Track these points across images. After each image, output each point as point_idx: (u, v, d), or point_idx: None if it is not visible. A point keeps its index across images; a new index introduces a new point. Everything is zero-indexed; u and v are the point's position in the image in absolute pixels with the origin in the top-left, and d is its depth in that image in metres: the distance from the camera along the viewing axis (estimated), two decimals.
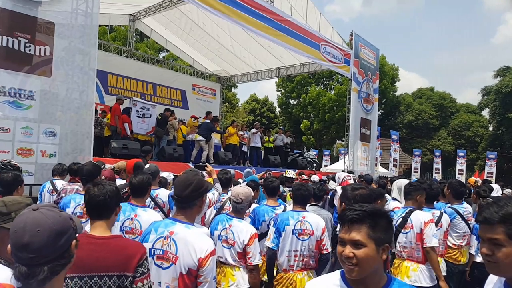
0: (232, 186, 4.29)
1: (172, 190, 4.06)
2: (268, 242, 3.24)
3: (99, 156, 8.09)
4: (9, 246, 1.08)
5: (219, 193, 3.94)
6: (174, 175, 5.18)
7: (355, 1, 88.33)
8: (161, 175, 4.65)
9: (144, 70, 15.88)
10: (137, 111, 10.64)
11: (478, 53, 79.41)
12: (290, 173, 6.99)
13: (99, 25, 9.97)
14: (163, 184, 4.52)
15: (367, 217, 1.31)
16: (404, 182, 4.30)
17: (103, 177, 3.60)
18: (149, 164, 4.55)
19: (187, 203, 2.07)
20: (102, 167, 4.27)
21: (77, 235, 1.20)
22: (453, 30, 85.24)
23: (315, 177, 7.94)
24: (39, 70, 6.21)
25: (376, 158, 19.27)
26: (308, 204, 3.56)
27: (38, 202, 4.50)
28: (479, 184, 8.26)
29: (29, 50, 6.13)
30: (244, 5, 9.89)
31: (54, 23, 6.41)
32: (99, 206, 1.89)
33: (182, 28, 15.45)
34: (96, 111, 10.30)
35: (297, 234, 3.16)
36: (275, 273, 3.26)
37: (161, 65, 17.53)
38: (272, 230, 3.26)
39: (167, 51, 23.02)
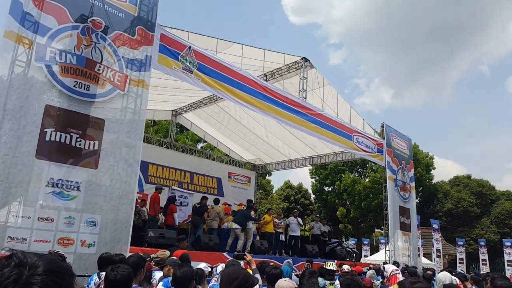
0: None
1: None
2: None
3: (136, 245, 8.17)
4: None
5: (259, 285, 3.81)
6: (210, 266, 5.10)
7: (385, 94, 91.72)
8: (197, 266, 4.61)
9: (182, 159, 16.72)
10: (175, 200, 10.97)
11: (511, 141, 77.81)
12: (331, 265, 6.62)
13: None
14: (200, 276, 4.45)
15: None
16: (447, 275, 4.02)
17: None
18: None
19: None
20: (147, 259, 4.31)
21: None
22: (488, 116, 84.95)
23: (346, 267, 7.49)
24: (85, 161, 6.64)
25: (418, 248, 18.09)
26: None
27: None
28: None
29: (79, 145, 6.59)
30: (278, 101, 10.63)
31: (104, 119, 7.08)
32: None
33: (220, 121, 16.52)
34: (136, 200, 10.71)
35: None
36: None
37: (199, 155, 18.41)
38: None
39: (205, 141, 24.31)
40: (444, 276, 6.19)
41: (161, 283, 3.70)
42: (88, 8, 7.40)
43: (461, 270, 20.96)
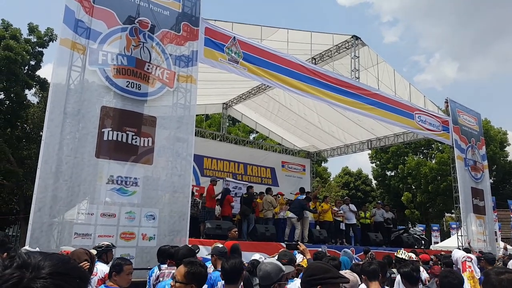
0: None
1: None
2: None
3: (195, 237, 8.37)
4: None
5: None
6: (266, 256, 4.99)
7: (448, 68, 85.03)
8: (252, 257, 4.53)
9: (235, 151, 16.88)
10: (230, 191, 11.08)
11: None
12: (403, 254, 6.08)
13: (196, 115, 11.12)
14: (256, 267, 4.36)
15: None
16: None
17: None
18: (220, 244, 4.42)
19: None
20: (196, 251, 4.33)
21: None
22: None
23: (412, 254, 6.92)
24: (143, 159, 6.93)
25: (495, 232, 16.64)
26: None
27: (146, 287, 4.59)
28: None
29: (135, 142, 6.89)
30: (329, 84, 10.21)
31: (156, 117, 7.28)
32: None
33: (270, 111, 16.37)
34: (193, 193, 10.99)
35: None
36: None
37: (252, 146, 18.47)
38: None
39: (257, 132, 24.36)
40: None
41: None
42: (135, 9, 7.61)
43: None
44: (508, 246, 20.25)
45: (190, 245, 4.47)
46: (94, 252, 3.45)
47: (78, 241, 5.72)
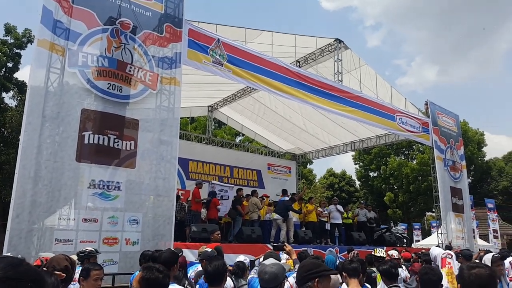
0: None
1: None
2: None
3: (181, 241, 8.28)
4: None
5: None
6: (251, 258, 4.98)
7: (428, 72, 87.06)
8: (236, 259, 4.50)
9: (221, 154, 16.80)
10: (216, 194, 11.01)
11: None
12: (380, 252, 6.21)
13: (181, 117, 11.03)
14: (242, 269, 4.34)
15: None
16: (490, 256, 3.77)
17: None
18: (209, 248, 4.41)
19: (301, 285, 2.13)
20: (180, 254, 4.28)
21: None
22: None
23: (394, 252, 7.07)
24: (126, 162, 6.79)
25: (473, 230, 17.07)
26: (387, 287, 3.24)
27: None
28: None
29: (117, 145, 6.74)
30: (313, 86, 10.28)
31: (138, 119, 7.14)
32: None
33: (255, 113, 16.39)
34: (179, 197, 10.88)
35: None
36: None
37: (238, 148, 18.44)
38: None
39: (243, 135, 24.35)
40: (487, 259, 5.68)
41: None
42: (116, 10, 7.49)
43: None
44: (485, 243, 20.84)
45: (173, 249, 4.41)
46: (75, 257, 3.35)
47: (59, 247, 5.57)
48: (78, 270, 4.04)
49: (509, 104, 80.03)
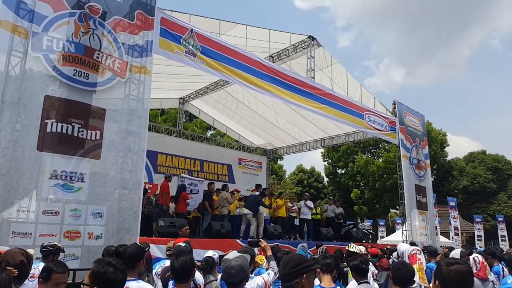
0: None
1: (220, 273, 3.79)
2: None
3: (147, 236, 8.07)
4: None
5: (275, 273, 3.58)
6: (221, 254, 4.91)
7: (396, 73, 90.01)
8: (205, 254, 4.42)
9: (192, 148, 16.57)
10: (186, 188, 10.83)
11: None
12: (354, 247, 6.28)
13: (151, 109, 10.71)
14: (210, 264, 4.26)
15: None
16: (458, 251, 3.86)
17: None
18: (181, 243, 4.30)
19: (288, 281, 2.07)
20: (146, 249, 4.14)
21: None
22: (500, 91, 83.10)
23: (362, 248, 7.23)
24: (91, 153, 6.50)
25: (436, 227, 17.81)
26: (357, 283, 3.30)
27: None
28: None
29: (82, 135, 6.41)
30: (286, 82, 10.28)
31: (105, 109, 6.83)
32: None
33: (228, 107, 16.25)
34: (146, 190, 10.61)
35: None
36: None
37: (209, 142, 18.24)
38: None
39: (215, 128, 24.13)
40: (455, 253, 5.93)
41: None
42: None
43: (480, 247, 20.65)
44: (446, 240, 21.83)
45: (140, 243, 4.27)
46: (32, 251, 3.14)
47: (16, 240, 5.24)
48: (38, 265, 3.83)
49: (470, 106, 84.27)
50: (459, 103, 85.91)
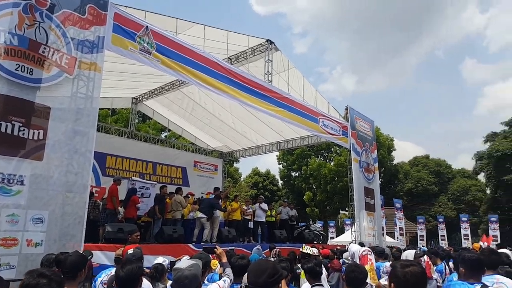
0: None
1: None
2: None
3: (93, 242, 7.63)
4: None
5: (231, 280, 3.50)
6: (172, 260, 4.74)
7: (347, 80, 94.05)
8: (155, 261, 4.26)
9: (144, 149, 16.01)
10: (136, 191, 10.41)
11: (464, 122, 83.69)
12: (307, 249, 6.31)
13: (101, 108, 10.16)
14: (160, 271, 4.10)
15: None
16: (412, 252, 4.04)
17: None
18: (132, 249, 4.12)
19: None
20: (89, 257, 3.89)
21: None
22: (444, 99, 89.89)
23: (314, 250, 7.38)
24: (33, 155, 6.02)
25: (382, 227, 18.66)
26: (310, 285, 3.30)
27: None
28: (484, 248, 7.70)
29: (23, 134, 5.96)
30: (244, 84, 10.26)
31: (50, 107, 6.39)
32: None
33: (184, 108, 15.91)
34: (92, 194, 10.07)
35: None
36: None
37: (163, 144, 17.73)
38: None
39: (169, 130, 23.55)
40: (409, 254, 6.24)
41: None
42: None
43: (422, 246, 21.96)
44: (392, 240, 22.96)
45: (82, 251, 3.99)
46: None
47: None
48: None
49: (415, 113, 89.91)
50: (405, 110, 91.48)
